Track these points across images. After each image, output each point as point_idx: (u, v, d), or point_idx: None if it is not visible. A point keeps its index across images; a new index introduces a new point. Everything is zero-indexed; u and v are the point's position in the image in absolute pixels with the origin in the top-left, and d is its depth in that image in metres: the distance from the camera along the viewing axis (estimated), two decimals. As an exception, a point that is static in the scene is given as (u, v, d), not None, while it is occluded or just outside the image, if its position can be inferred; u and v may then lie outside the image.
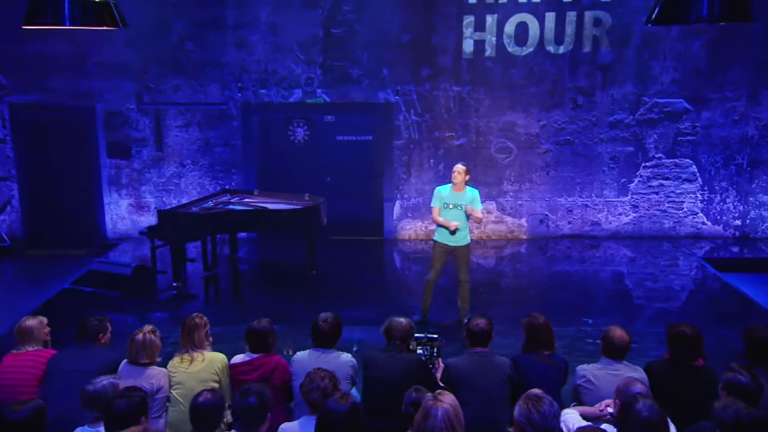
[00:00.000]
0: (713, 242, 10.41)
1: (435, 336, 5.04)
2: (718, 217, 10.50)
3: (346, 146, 10.88)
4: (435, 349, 4.99)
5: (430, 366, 4.83)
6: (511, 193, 10.63)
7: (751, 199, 10.40)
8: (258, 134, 10.83)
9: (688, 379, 4.37)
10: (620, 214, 10.62)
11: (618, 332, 4.59)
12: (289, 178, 10.72)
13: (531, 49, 10.08)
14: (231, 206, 8.82)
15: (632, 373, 4.44)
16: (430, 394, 3.36)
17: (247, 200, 9.13)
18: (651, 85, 10.10)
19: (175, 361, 4.54)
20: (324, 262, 9.04)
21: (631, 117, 10.24)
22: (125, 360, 4.50)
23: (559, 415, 3.24)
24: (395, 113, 10.41)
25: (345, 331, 6.72)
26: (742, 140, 10.20)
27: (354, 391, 4.65)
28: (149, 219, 10.75)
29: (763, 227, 10.49)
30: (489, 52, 10.14)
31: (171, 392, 4.43)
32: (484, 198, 10.57)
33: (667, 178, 10.42)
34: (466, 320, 6.88)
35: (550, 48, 10.09)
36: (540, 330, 4.78)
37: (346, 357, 4.67)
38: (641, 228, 10.61)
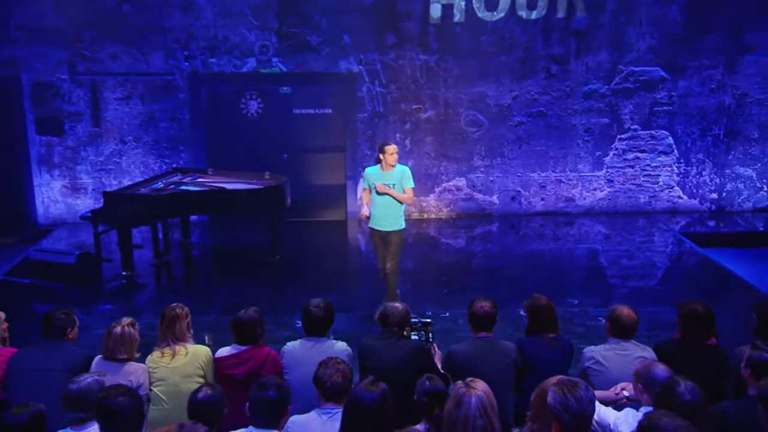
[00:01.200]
0: (689, 216, 10.77)
1: (429, 320, 5.06)
2: (695, 191, 10.87)
3: (305, 120, 10.76)
4: (430, 334, 5.01)
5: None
6: (481, 169, 10.74)
7: (727, 171, 10.80)
8: (207, 108, 10.59)
9: (701, 358, 4.47)
10: (595, 190, 10.87)
11: (625, 311, 4.67)
12: (242, 155, 10.55)
13: (502, 14, 10.15)
14: (184, 187, 8.63)
15: (642, 353, 4.54)
16: (460, 381, 3.39)
17: (201, 180, 8.96)
18: (626, 52, 10.33)
19: (155, 356, 4.47)
20: (284, 246, 8.97)
21: (606, 87, 10.46)
22: (99, 356, 4.42)
23: (594, 400, 3.31)
24: (358, 84, 10.34)
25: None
26: (719, 110, 10.55)
27: None
28: (87, 202, 10.44)
29: (740, 200, 10.92)
30: (458, 17, 10.16)
31: (152, 389, 4.36)
32: (453, 175, 10.72)
33: (642, 151, 10.71)
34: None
35: (522, 13, 10.18)
36: (543, 311, 4.83)
37: (342, 346, 4.64)
38: (616, 203, 10.89)
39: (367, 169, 7.13)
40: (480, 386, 3.29)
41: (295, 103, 10.72)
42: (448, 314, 7.24)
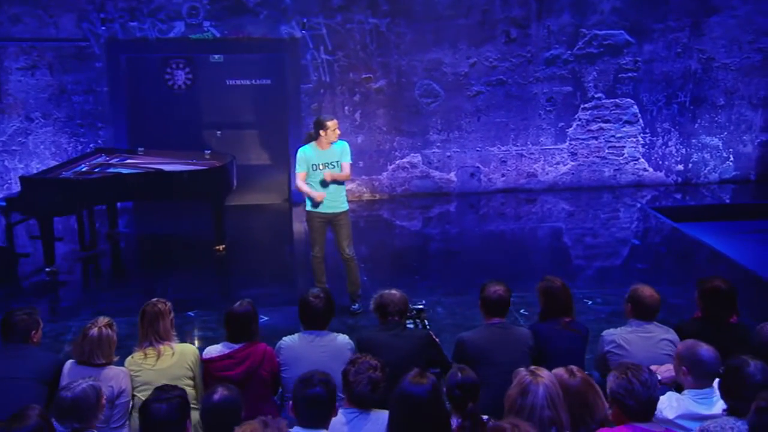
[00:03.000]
0: (656, 190, 11.25)
1: (422, 306, 5.16)
2: (660, 163, 11.35)
3: (240, 92, 10.62)
4: (425, 321, 5.10)
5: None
6: (438, 144, 10.87)
7: (693, 141, 11.31)
8: (128, 79, 10.31)
9: (724, 337, 4.59)
10: (558, 164, 11.19)
11: (647, 291, 4.83)
12: (169, 132, 10.33)
13: (458, -27, 10.31)
14: (114, 169, 8.40)
15: (666, 335, 4.74)
16: (522, 369, 3.48)
17: (131, 162, 8.74)
18: (590, 14, 10.64)
19: (136, 358, 4.41)
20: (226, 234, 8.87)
21: (569, 52, 10.75)
22: (71, 361, 4.34)
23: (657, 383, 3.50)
24: (301, 51, 10.26)
25: (276, 316, 6.97)
26: (685, 75, 11.03)
27: None
28: (-13, 189, 10.00)
29: (705, 171, 11.47)
30: (410, -24, 10.26)
31: (135, 395, 4.28)
32: (408, 151, 10.82)
33: (607, 121, 11.08)
34: (355, 306, 7.10)
35: (480, -28, 10.38)
36: (558, 294, 4.95)
37: (344, 339, 4.68)
38: (580, 178, 11.25)
39: (303, 150, 6.89)
40: (546, 375, 3.39)
41: (228, 73, 10.56)
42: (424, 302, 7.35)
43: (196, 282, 8.03)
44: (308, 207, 6.99)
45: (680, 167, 11.40)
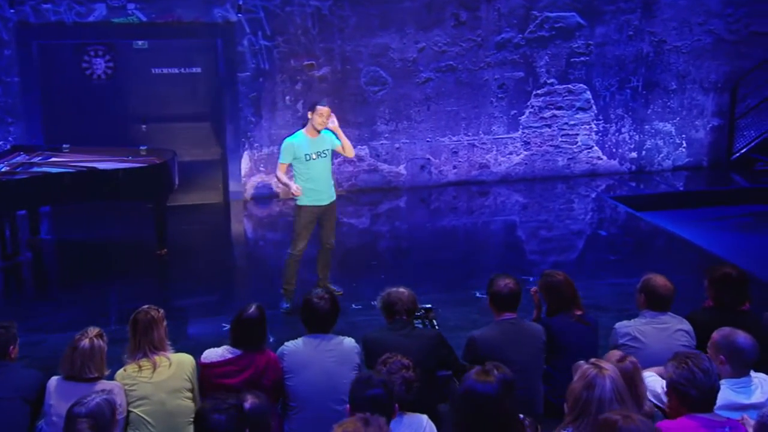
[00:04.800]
0: (610, 179, 11.64)
1: (429, 305, 5.24)
2: (614, 150, 11.74)
3: (167, 82, 10.44)
4: (434, 321, 5.15)
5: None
6: (386, 135, 10.93)
7: (646, 127, 11.76)
8: (41, 68, 9.98)
9: (738, 325, 4.64)
10: (511, 154, 11.43)
11: (660, 280, 4.99)
12: (88, 127, 10.05)
13: (404, -48, 10.40)
14: (38, 169, 8.08)
15: (680, 325, 4.91)
16: (583, 362, 3.56)
17: (57, 160, 8.44)
18: (541, -4, 10.95)
19: (129, 371, 4.33)
20: (151, 235, 8.69)
21: (520, 35, 11.00)
22: (56, 377, 4.23)
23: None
24: (237, 36, 10.14)
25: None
26: (637, 59, 11.45)
27: None
28: None
29: (659, 158, 11.94)
30: (354, -46, 10.28)
31: (133, 410, 4.23)
32: (354, 143, 10.80)
33: (560, 107, 11.39)
34: (333, 286, 7.19)
35: (427, -49, 10.49)
36: (562, 287, 5.07)
37: (351, 342, 4.69)
38: (533, 168, 11.52)
39: (291, 140, 6.89)
40: (610, 367, 3.48)
41: (154, 60, 10.36)
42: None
43: (141, 290, 7.82)
44: (302, 202, 6.90)
45: (634, 155, 11.82)
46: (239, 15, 10.09)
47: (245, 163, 10.57)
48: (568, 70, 11.27)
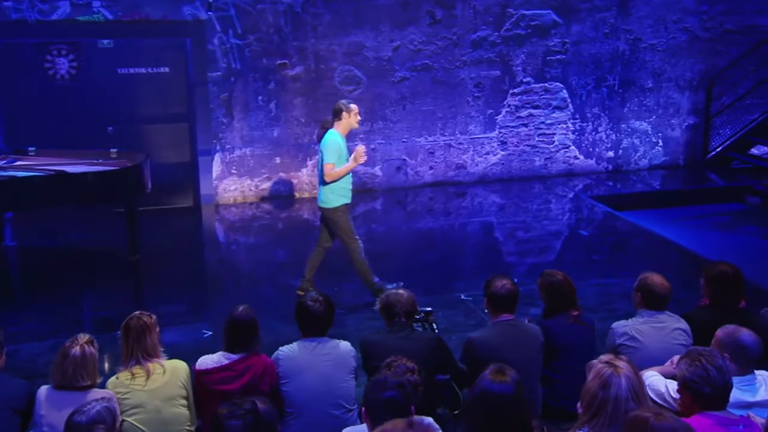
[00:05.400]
0: (587, 178, 11.74)
1: (430, 309, 5.25)
2: (591, 150, 11.85)
3: (134, 82, 10.32)
4: (433, 324, 5.15)
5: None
6: (361, 136, 10.87)
7: (623, 125, 11.89)
8: (1, 68, 9.82)
9: (734, 323, 4.65)
10: (488, 154, 11.47)
11: (657, 279, 5.02)
12: (51, 129, 9.88)
13: (378, -51, 10.41)
14: (3, 173, 7.93)
15: (677, 324, 4.95)
16: (596, 361, 3.56)
17: (22, 163, 8.30)
18: (517, -7, 11.02)
19: (122, 378, 4.29)
20: (122, 241, 8.61)
21: (496, 33, 11.05)
22: (46, 387, 4.16)
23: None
24: (207, 35, 10.05)
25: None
26: (613, 57, 11.57)
27: (352, 386, 4.66)
28: None
29: (636, 158, 12.08)
30: (326, -49, 10.26)
31: (126, 419, 4.18)
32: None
33: (536, 107, 11.47)
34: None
35: (401, -52, 10.50)
36: (561, 287, 5.11)
37: (347, 346, 4.69)
38: (510, 169, 11.58)
39: (336, 139, 7.06)
40: (625, 365, 3.49)
41: (120, 60, 10.24)
42: None
43: (114, 297, 7.77)
44: (339, 202, 7.15)
45: (611, 154, 11.94)
46: (209, 13, 10.00)
47: (217, 166, 10.47)
48: (544, 68, 11.35)
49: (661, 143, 12.11)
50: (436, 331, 5.15)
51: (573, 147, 11.76)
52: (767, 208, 10.66)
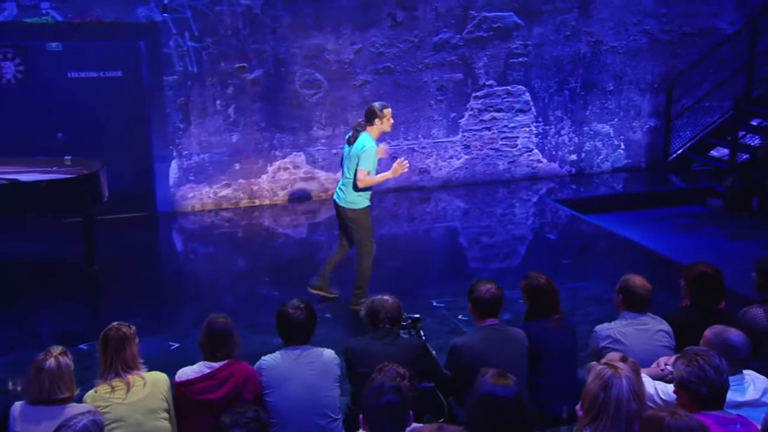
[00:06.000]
0: (551, 182, 11.84)
1: (417, 316, 5.26)
2: (554, 153, 11.95)
3: (85, 86, 10.19)
4: (420, 331, 5.15)
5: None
6: (323, 140, 10.84)
7: (585, 128, 12.02)
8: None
9: (716, 324, 4.76)
10: (451, 158, 11.50)
11: (639, 281, 5.12)
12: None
13: (337, -51, 10.37)
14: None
15: (660, 326, 5.05)
16: (595, 363, 3.62)
17: (-30, 172, 8.04)
18: (478, -5, 11.07)
19: (101, 391, 4.26)
20: (77, 251, 8.44)
21: (458, 36, 11.08)
22: (19, 403, 4.10)
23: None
24: (163, 38, 9.90)
25: (189, 342, 6.79)
26: (575, 59, 11.70)
27: (337, 395, 4.65)
28: None
29: (598, 161, 12.22)
30: (281, -50, 10.20)
31: None
32: (290, 149, 10.77)
33: (499, 110, 11.53)
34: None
35: (360, -52, 10.48)
36: (544, 291, 5.19)
37: (331, 354, 4.70)
38: (474, 173, 11.62)
39: (375, 146, 7.17)
40: (624, 367, 3.54)
41: (70, 64, 10.09)
42: None
43: (72, 310, 7.62)
44: (364, 204, 7.25)
45: (573, 157, 12.06)
46: (164, 15, 9.85)
47: (174, 173, 10.31)
48: (506, 71, 11.42)
49: (623, 146, 12.27)
50: (424, 338, 5.13)
51: (536, 150, 11.85)
52: (729, 209, 10.83)
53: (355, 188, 7.10)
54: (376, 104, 7.11)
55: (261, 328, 6.67)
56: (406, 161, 7.22)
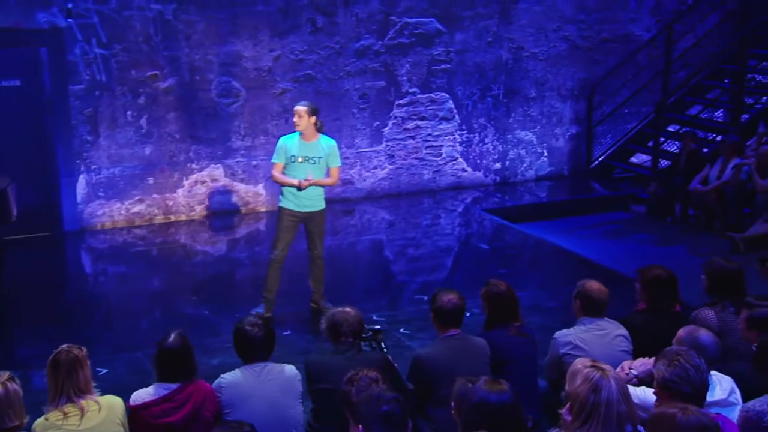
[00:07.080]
0: (476, 191, 11.93)
1: (378, 327, 5.22)
2: (479, 162, 12.04)
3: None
4: (381, 344, 5.12)
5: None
6: (242, 152, 10.66)
7: (509, 136, 12.15)
8: None
9: (671, 327, 4.90)
10: (375, 168, 11.45)
11: (594, 285, 5.19)
12: None
13: (253, -47, 10.23)
14: None
15: (618, 330, 5.15)
16: (579, 365, 3.62)
17: None
18: (399, 0, 11.03)
19: (53, 419, 4.12)
20: None
21: (380, 42, 11.07)
22: None
23: None
24: (68, 44, 9.59)
25: (118, 365, 6.73)
26: (497, 66, 11.83)
27: (300, 411, 4.61)
28: None
29: (522, 169, 12.37)
30: (200, -48, 10.01)
31: None
32: (207, 161, 10.54)
33: (423, 118, 11.55)
34: (327, 305, 7.28)
35: (277, -48, 10.38)
36: (505, 299, 5.22)
37: (292, 370, 4.68)
38: (399, 183, 11.60)
39: (284, 139, 7.30)
40: (609, 368, 3.59)
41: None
42: None
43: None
44: (282, 203, 7.34)
45: (498, 165, 12.18)
46: (69, 20, 9.51)
47: (82, 188, 9.93)
48: (429, 78, 11.47)
49: (546, 153, 12.46)
50: (385, 350, 5.06)
51: (461, 159, 11.92)
52: (652, 215, 11.12)
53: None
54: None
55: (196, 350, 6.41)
56: (309, 181, 7.23)
